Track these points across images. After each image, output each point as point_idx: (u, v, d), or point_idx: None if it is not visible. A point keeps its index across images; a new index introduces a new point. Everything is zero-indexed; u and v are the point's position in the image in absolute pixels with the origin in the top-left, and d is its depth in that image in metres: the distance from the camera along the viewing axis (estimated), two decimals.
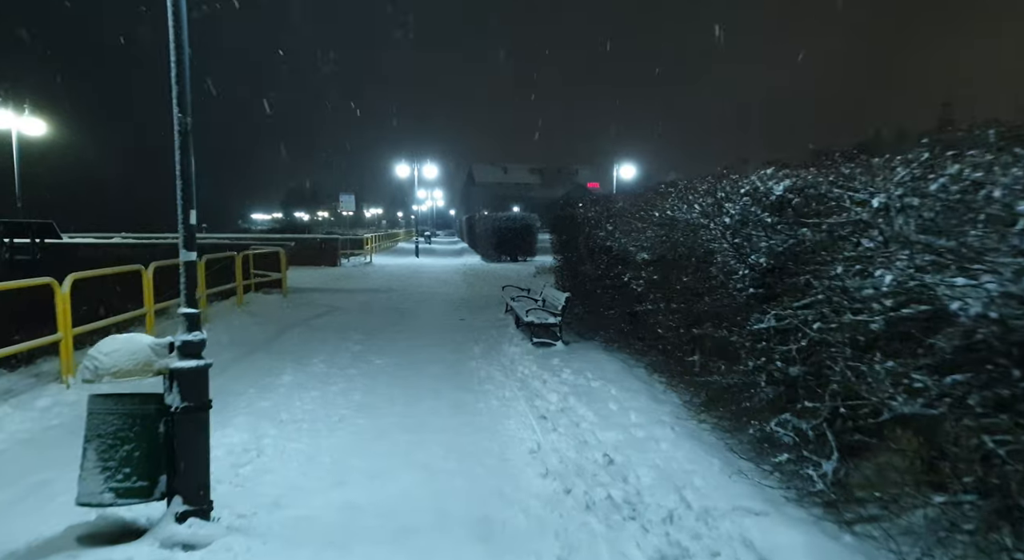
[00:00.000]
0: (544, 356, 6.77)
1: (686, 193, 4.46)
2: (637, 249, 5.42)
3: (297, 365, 6.29)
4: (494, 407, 5.01)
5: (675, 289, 4.70)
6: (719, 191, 3.95)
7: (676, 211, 4.44)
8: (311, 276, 16.72)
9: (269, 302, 10.74)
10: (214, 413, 4.63)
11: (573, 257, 8.02)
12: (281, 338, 7.85)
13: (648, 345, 5.86)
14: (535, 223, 23.53)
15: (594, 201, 7.44)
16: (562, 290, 8.46)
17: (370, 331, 8.34)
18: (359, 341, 7.62)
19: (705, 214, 3.95)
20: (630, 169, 26.01)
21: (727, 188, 3.90)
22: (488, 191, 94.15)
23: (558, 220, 8.72)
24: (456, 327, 8.87)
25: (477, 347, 7.37)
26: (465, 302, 11.68)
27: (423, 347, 7.33)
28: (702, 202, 4.05)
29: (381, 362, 6.54)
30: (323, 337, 7.87)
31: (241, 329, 8.26)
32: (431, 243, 43.01)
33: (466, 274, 18.05)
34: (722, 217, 3.74)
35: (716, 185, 4.06)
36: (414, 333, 8.31)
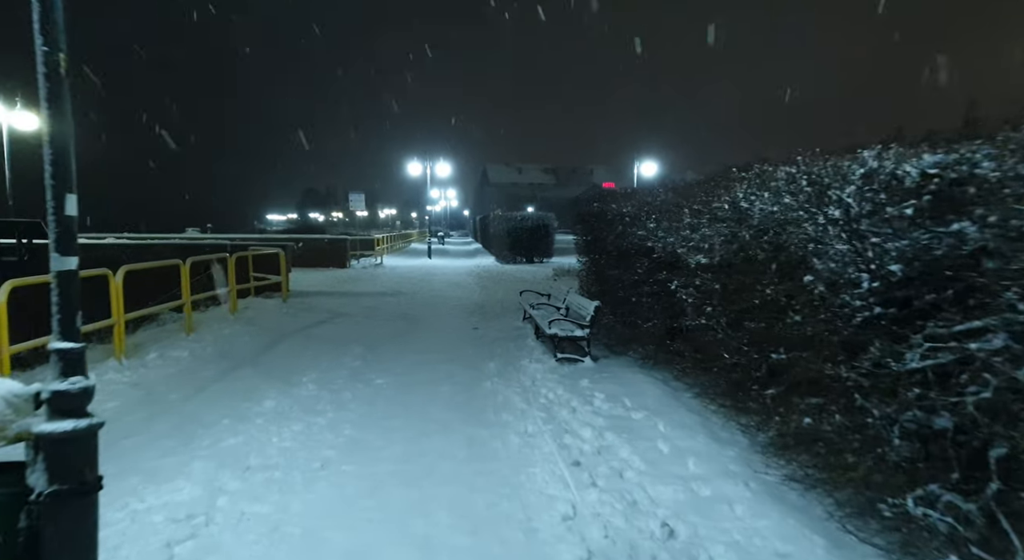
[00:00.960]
0: (571, 375, 5.80)
1: (766, 179, 3.48)
2: (689, 251, 4.43)
3: (284, 386, 5.40)
4: (514, 447, 4.06)
5: (745, 302, 3.71)
6: (815, 174, 2.96)
7: (753, 202, 3.45)
8: (317, 278, 15.92)
9: (267, 308, 9.90)
10: (168, 454, 3.75)
11: (601, 259, 7.04)
12: (273, 351, 6.97)
13: (699, 367, 4.87)
14: (552, 223, 22.55)
15: (629, 194, 6.46)
16: (588, 296, 7.48)
17: (373, 342, 7.44)
18: (359, 355, 6.71)
19: (801, 204, 2.96)
20: (651, 166, 24.91)
21: (827, 171, 2.91)
22: (502, 191, 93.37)
23: (584, 218, 7.75)
24: (469, 338, 7.94)
25: (492, 363, 6.42)
26: (479, 308, 10.75)
27: (431, 363, 6.40)
28: (796, 188, 3.06)
29: (382, 382, 5.62)
30: (320, 350, 6.98)
31: (230, 340, 7.41)
32: (444, 244, 42.21)
33: (480, 276, 17.14)
34: (828, 209, 2.75)
35: (810, 166, 3.07)
36: (422, 345, 7.39)
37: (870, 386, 2.59)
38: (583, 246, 8.10)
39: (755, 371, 3.81)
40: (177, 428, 4.27)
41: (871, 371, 2.55)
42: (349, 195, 19.50)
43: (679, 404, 4.84)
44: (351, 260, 20.57)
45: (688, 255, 4.49)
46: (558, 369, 6.05)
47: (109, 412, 4.66)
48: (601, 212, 6.81)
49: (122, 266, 5.88)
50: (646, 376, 5.65)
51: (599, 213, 6.92)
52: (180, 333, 7.41)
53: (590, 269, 7.81)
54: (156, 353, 6.36)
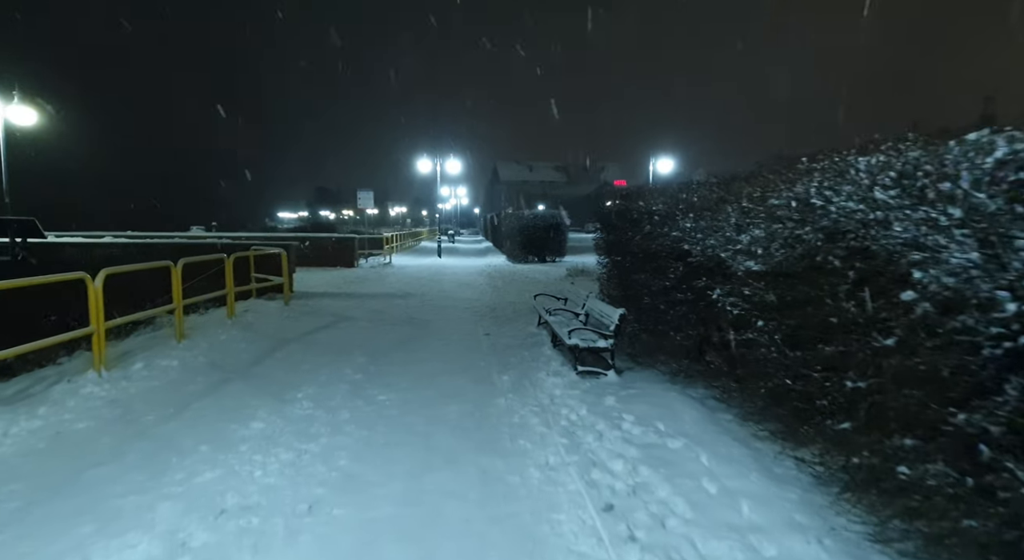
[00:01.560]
0: (593, 392, 5.22)
1: (844, 170, 2.86)
2: (736, 255, 3.83)
3: (276, 403, 4.87)
4: (535, 484, 3.48)
5: (811, 318, 3.10)
6: (920, 163, 2.34)
7: (830, 198, 2.83)
8: (323, 279, 15.45)
9: (268, 311, 9.41)
10: (134, 491, 3.23)
11: (625, 262, 6.44)
12: (269, 360, 6.45)
13: (744, 387, 4.26)
14: (564, 221, 21.91)
15: (659, 190, 5.84)
16: (609, 301, 6.89)
17: (377, 351, 6.90)
18: (361, 366, 6.17)
19: (902, 200, 2.35)
20: (668, 163, 24.17)
21: (941, 158, 2.30)
22: (513, 189, 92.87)
23: (606, 216, 7.14)
24: (480, 345, 7.37)
25: (506, 376, 5.85)
26: (490, 311, 10.19)
27: (438, 376, 5.84)
28: (894, 180, 2.44)
29: (384, 399, 5.07)
30: (319, 359, 6.45)
31: (224, 347, 6.91)
32: (454, 242, 41.69)
33: (491, 276, 16.57)
34: (941, 205, 2.14)
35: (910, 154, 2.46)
36: (429, 354, 6.83)
37: (1005, 438, 1.98)
38: (604, 247, 7.50)
39: (820, 399, 3.21)
40: (150, 457, 3.75)
41: (1010, 419, 1.94)
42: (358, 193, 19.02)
43: (721, 430, 4.24)
44: (359, 259, 20.10)
45: (734, 260, 3.88)
46: (579, 384, 5.46)
47: (79, 434, 4.17)
48: (625, 210, 6.21)
49: (102, 269, 5.37)
50: (679, 394, 5.05)
51: (623, 211, 6.32)
52: (172, 339, 6.92)
53: (611, 272, 7.21)
54: (142, 363, 5.87)
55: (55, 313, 6.08)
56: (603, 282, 7.76)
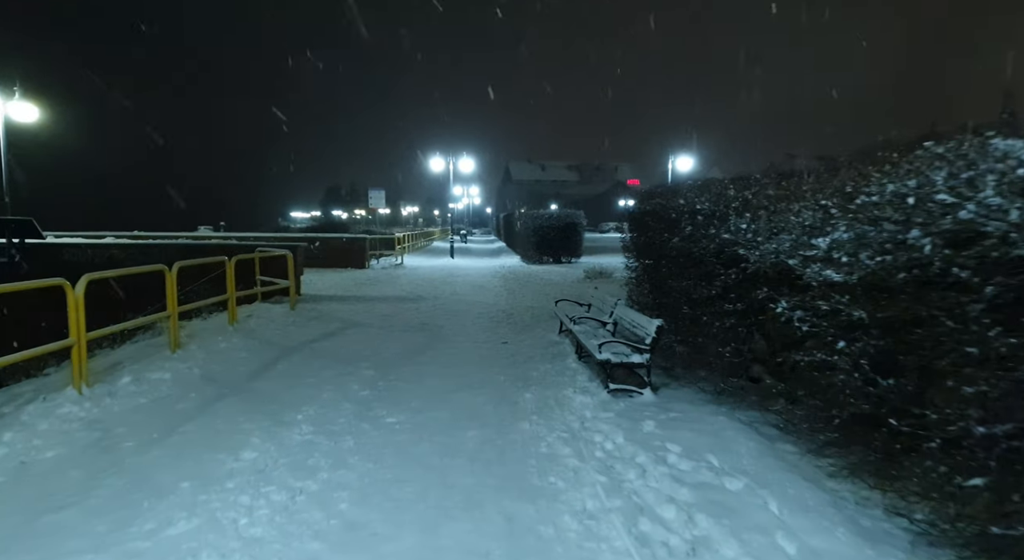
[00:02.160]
0: (629, 414, 4.62)
1: (982, 154, 2.23)
2: (811, 261, 3.21)
3: (273, 426, 4.33)
4: (572, 538, 2.89)
5: (921, 342, 2.48)
6: None
7: (961, 193, 2.21)
8: (333, 281, 14.99)
9: (272, 316, 8.91)
10: (89, 549, 2.69)
11: (660, 266, 5.82)
12: (269, 373, 5.93)
13: (813, 414, 3.64)
14: (581, 221, 21.27)
15: (704, 185, 5.21)
16: (638, 308, 6.28)
17: (386, 363, 6.35)
18: (369, 381, 5.62)
19: None
20: (687, 161, 23.42)
21: None
22: (525, 189, 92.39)
23: (638, 216, 6.52)
24: (498, 356, 6.79)
25: (529, 393, 5.27)
26: (507, 316, 9.61)
27: (454, 392, 5.27)
28: None
29: (394, 422, 4.51)
30: (324, 372, 5.92)
31: (223, 357, 6.40)
32: (467, 242, 41.21)
33: (505, 278, 16.00)
34: None
35: None
36: (443, 366, 6.26)
37: None
38: (633, 249, 6.88)
39: (930, 441, 2.58)
40: (120, 498, 3.21)
41: None
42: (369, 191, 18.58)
43: (785, 466, 3.62)
44: (370, 260, 19.63)
45: (807, 268, 3.26)
46: (611, 404, 4.86)
47: (46, 465, 3.66)
48: (662, 209, 5.59)
49: (84, 275, 4.87)
50: (728, 419, 4.43)
51: (658, 210, 5.70)
52: (167, 349, 6.42)
53: (642, 277, 6.59)
54: (130, 376, 5.36)
55: (49, 319, 5.67)
56: (631, 288, 7.15)
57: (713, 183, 5.00)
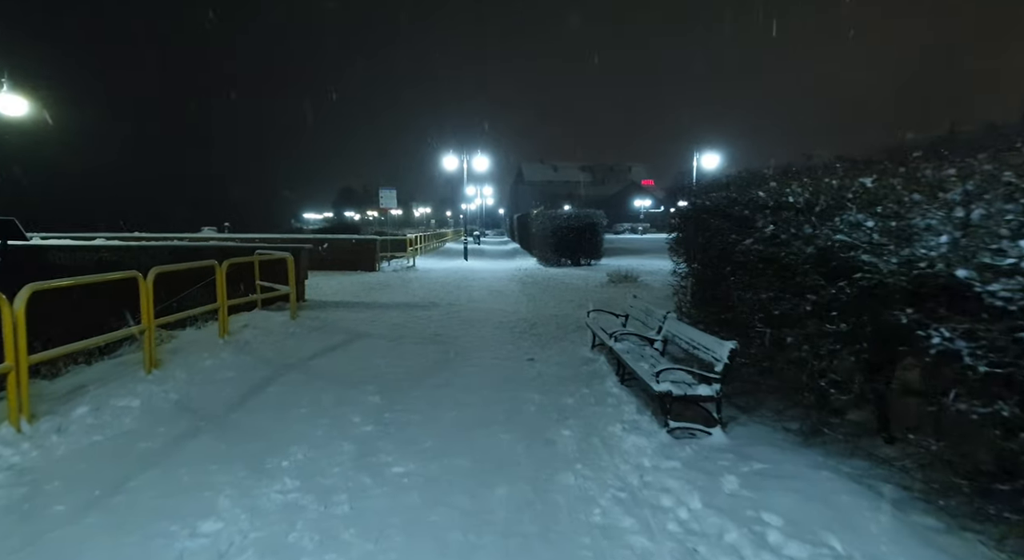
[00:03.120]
0: (700, 463, 3.64)
1: None
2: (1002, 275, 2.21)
3: (249, 478, 3.41)
4: None
5: None
6: None
7: None
8: (342, 284, 14.14)
9: (271, 326, 8.04)
10: None
11: (724, 274, 4.82)
12: (257, 399, 5.02)
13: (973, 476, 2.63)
14: (601, 221, 20.28)
15: (793, 173, 4.20)
16: (691, 322, 5.29)
17: (394, 386, 5.42)
18: (373, 411, 4.70)
19: None
20: (714, 158, 22.27)
21: None
22: (537, 190, 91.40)
23: (691, 212, 5.51)
24: (524, 376, 5.83)
25: (567, 428, 4.31)
26: (529, 326, 8.65)
27: (475, 427, 4.32)
28: None
29: (401, 473, 3.56)
30: (320, 399, 5.00)
31: (206, 378, 5.52)
32: (480, 243, 40.33)
33: (523, 282, 15.04)
34: None
35: None
36: (461, 391, 5.32)
37: None
38: (685, 253, 5.89)
39: None
40: None
41: None
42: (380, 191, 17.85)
43: (940, 554, 2.62)
44: (381, 262, 18.78)
45: (988, 282, 2.27)
46: (674, 448, 3.88)
47: None
48: (728, 203, 4.60)
49: (26, 286, 3.99)
50: (833, 474, 3.42)
51: (723, 205, 4.70)
52: (144, 367, 5.54)
53: (696, 285, 5.59)
54: (89, 405, 4.49)
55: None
56: (680, 298, 6.15)
57: (815, 168, 3.98)
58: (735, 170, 11.90)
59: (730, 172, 14.07)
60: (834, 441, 3.86)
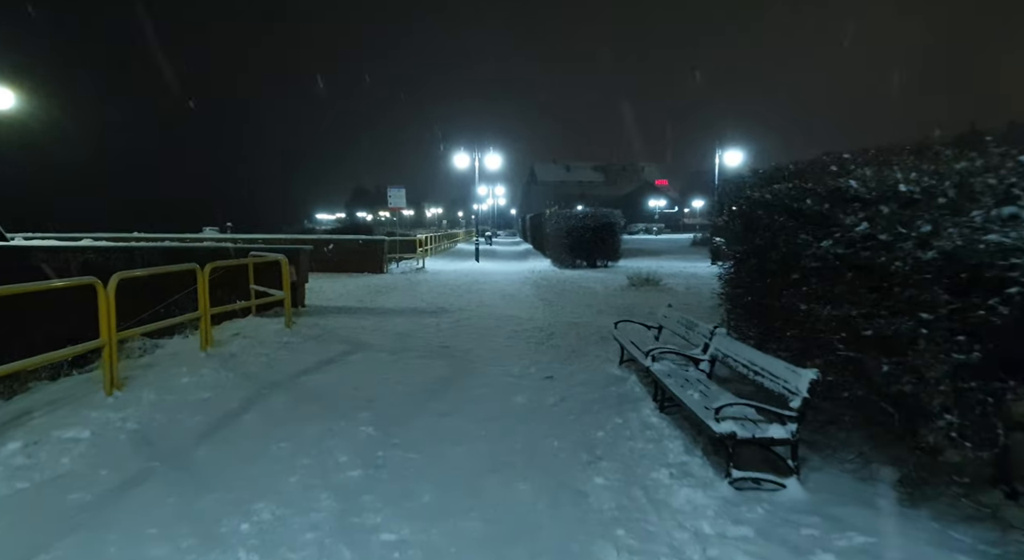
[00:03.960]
0: (778, 531, 2.79)
1: None
2: None
3: (193, 552, 2.63)
4: None
5: None
6: None
7: None
8: (346, 287, 13.42)
9: (263, 336, 7.30)
10: None
11: (789, 282, 3.96)
12: (230, 429, 4.26)
13: None
14: (618, 221, 19.41)
15: (894, 153, 3.33)
16: (738, 336, 4.44)
17: (392, 412, 4.63)
18: (364, 447, 3.91)
19: None
20: (737, 155, 21.26)
21: None
22: (550, 190, 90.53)
23: (743, 208, 4.65)
24: (543, 400, 5.01)
25: (600, 475, 3.48)
26: (546, 336, 7.83)
27: (487, 474, 3.51)
28: None
29: (392, 541, 2.76)
30: (304, 430, 4.22)
31: (176, 401, 4.77)
32: (492, 244, 39.57)
33: (538, 285, 14.22)
34: None
35: None
36: (469, 419, 4.51)
37: None
38: (733, 256, 5.04)
39: None
40: None
41: None
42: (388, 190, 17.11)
43: None
44: (389, 264, 18.06)
45: None
46: (741, 508, 3.04)
47: None
48: (794, 197, 3.74)
49: None
50: (972, 556, 2.56)
51: (786, 199, 3.84)
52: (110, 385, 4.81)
53: (750, 294, 4.72)
54: (25, 439, 3.76)
55: None
56: (729, 308, 5.29)
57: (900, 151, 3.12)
58: (760, 166, 10.76)
59: (756, 167, 12.83)
60: (939, 494, 3.01)
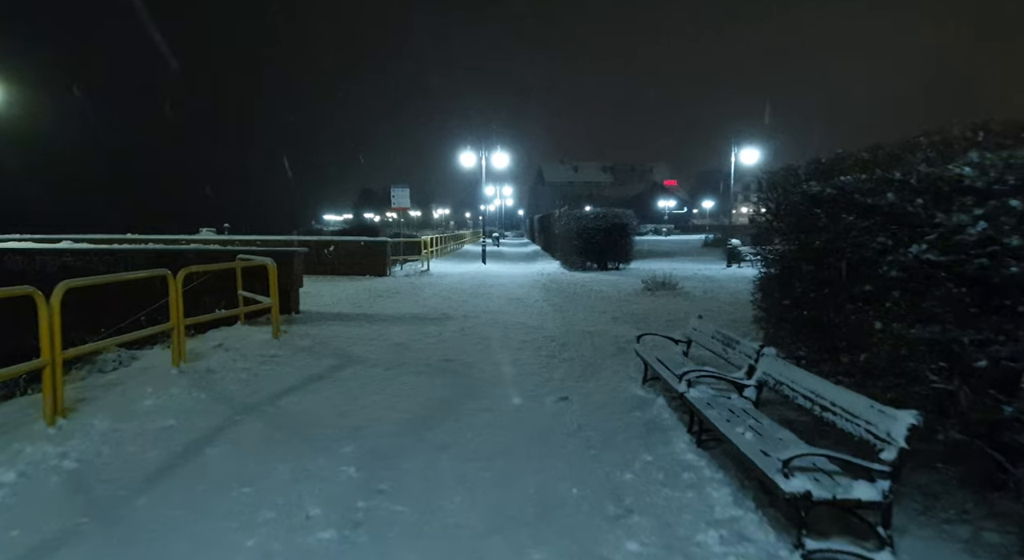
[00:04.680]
0: None
1: None
2: None
3: None
4: None
5: None
6: None
7: None
8: (346, 292, 12.77)
9: (247, 348, 6.65)
10: None
11: (858, 294, 3.23)
12: (187, 468, 3.59)
13: None
14: (631, 222, 18.67)
15: None
16: (786, 355, 3.72)
17: (379, 447, 3.94)
18: (342, 496, 3.22)
19: None
20: (753, 153, 20.44)
21: None
22: (558, 190, 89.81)
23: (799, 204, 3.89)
24: (558, 430, 4.31)
25: (632, 539, 2.78)
26: (559, 347, 7.13)
27: (489, 537, 2.81)
28: None
29: None
30: (273, 472, 3.54)
31: (135, 428, 4.11)
32: (499, 245, 38.92)
33: (547, 289, 13.52)
34: None
35: None
36: (471, 457, 3.81)
37: None
38: (781, 262, 4.30)
39: None
40: None
41: None
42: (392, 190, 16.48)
43: None
44: (393, 266, 17.41)
45: None
46: None
47: None
48: (867, 190, 3.02)
49: None
50: None
51: (855, 193, 3.12)
52: (56, 409, 4.16)
53: (799, 308, 3.99)
54: None
55: None
56: (769, 321, 4.55)
57: None
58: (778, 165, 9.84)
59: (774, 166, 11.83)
60: None
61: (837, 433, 2.96)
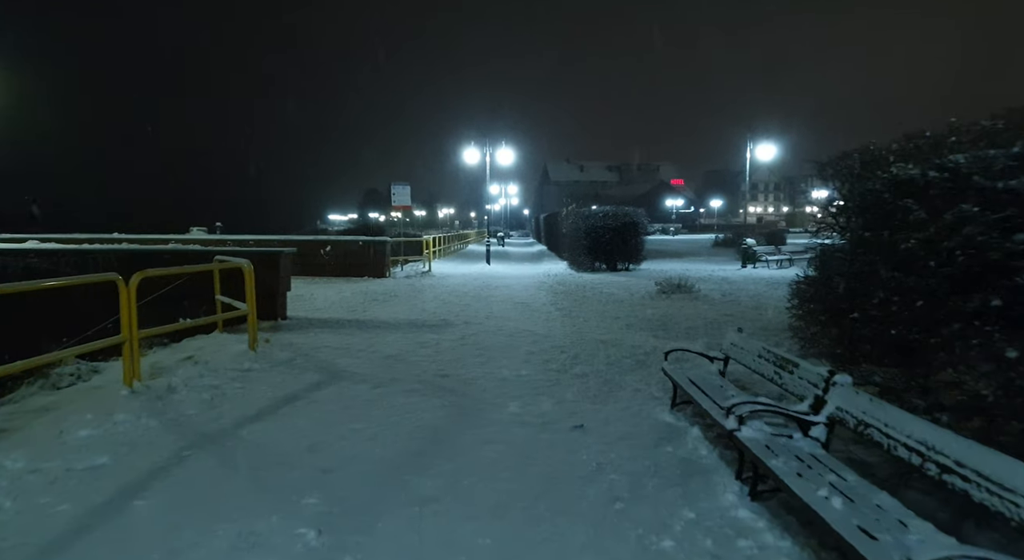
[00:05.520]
0: None
1: None
2: None
3: None
4: None
5: None
6: None
7: None
8: (340, 295, 12.02)
9: (220, 361, 5.90)
10: None
11: (966, 311, 2.41)
12: (104, 528, 2.83)
13: None
14: (642, 221, 17.85)
15: None
16: (859, 379, 2.91)
17: (354, 495, 3.17)
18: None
19: None
20: (770, 148, 19.56)
21: None
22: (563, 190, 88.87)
23: (869, 196, 3.08)
24: (573, 472, 3.52)
25: None
26: (570, 359, 6.34)
27: None
28: None
29: None
30: (210, 535, 2.78)
31: (55, 468, 3.36)
32: (504, 245, 38.13)
33: (554, 292, 12.72)
34: None
35: None
36: (464, 518, 3.02)
37: None
38: (847, 263, 3.49)
39: None
40: None
41: None
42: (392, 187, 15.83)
43: None
44: (393, 267, 16.66)
45: None
46: None
47: None
48: (996, 172, 2.23)
49: None
50: None
51: (976, 174, 2.32)
52: None
53: (872, 322, 3.17)
54: None
55: None
56: (834, 334, 3.73)
57: None
58: (801, 166, 8.70)
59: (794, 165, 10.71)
60: None
61: (947, 494, 2.16)
